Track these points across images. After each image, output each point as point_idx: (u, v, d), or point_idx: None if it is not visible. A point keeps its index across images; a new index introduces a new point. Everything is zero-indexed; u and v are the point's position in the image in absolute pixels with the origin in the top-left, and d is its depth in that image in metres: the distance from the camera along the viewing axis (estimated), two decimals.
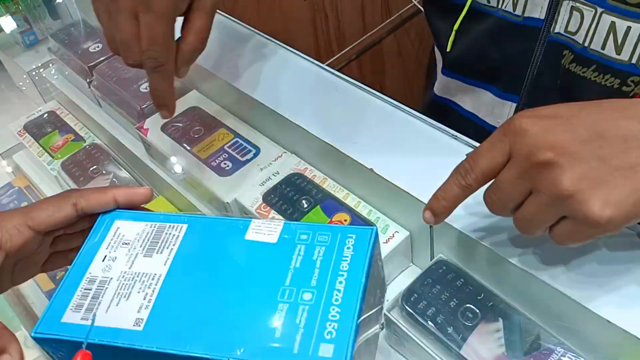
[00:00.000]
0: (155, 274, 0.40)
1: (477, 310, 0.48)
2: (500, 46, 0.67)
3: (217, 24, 0.77)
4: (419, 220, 0.53)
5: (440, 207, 0.44)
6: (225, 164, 0.65)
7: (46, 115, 0.93)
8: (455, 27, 0.70)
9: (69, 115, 0.91)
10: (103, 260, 0.42)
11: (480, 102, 0.74)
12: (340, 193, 0.60)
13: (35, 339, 0.38)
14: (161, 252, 0.42)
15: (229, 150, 0.67)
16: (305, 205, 0.59)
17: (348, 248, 0.40)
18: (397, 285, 0.57)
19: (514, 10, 0.62)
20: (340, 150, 0.58)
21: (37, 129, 0.90)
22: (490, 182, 0.41)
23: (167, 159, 0.69)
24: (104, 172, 0.81)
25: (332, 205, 0.59)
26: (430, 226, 0.52)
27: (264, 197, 0.61)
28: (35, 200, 0.89)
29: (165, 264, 0.41)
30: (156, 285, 0.40)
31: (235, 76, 0.69)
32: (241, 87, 0.67)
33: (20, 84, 1.07)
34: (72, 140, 0.87)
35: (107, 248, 0.43)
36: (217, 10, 0.79)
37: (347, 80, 0.65)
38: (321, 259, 0.39)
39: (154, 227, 0.44)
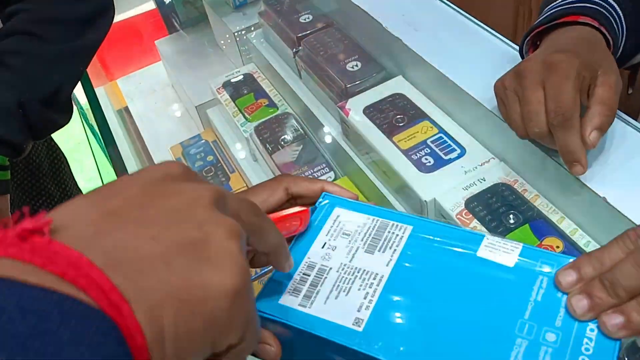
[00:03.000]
0: (377, 274, 0.38)
1: None
2: None
3: (429, 5, 0.74)
4: None
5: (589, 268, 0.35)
6: (426, 159, 0.62)
7: (243, 77, 0.95)
8: None
9: (265, 80, 0.93)
10: (322, 247, 0.41)
11: None
12: (554, 215, 0.54)
13: None
14: (383, 252, 0.39)
15: (432, 146, 0.63)
16: (512, 221, 0.55)
17: None
18: None
19: None
20: (564, 168, 0.52)
21: (235, 89, 0.93)
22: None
23: (364, 143, 0.67)
24: (293, 143, 0.81)
25: (543, 227, 0.54)
26: None
27: (467, 203, 0.57)
28: (222, 157, 0.92)
29: (387, 265, 0.38)
30: (378, 286, 0.37)
31: (445, 65, 0.65)
32: (452, 78, 0.63)
33: (222, 42, 1.11)
34: (265, 105, 0.89)
35: (326, 235, 0.42)
36: None
37: None
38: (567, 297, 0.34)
39: (376, 222, 0.41)
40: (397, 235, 0.40)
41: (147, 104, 1.21)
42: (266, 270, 0.61)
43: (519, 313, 0.34)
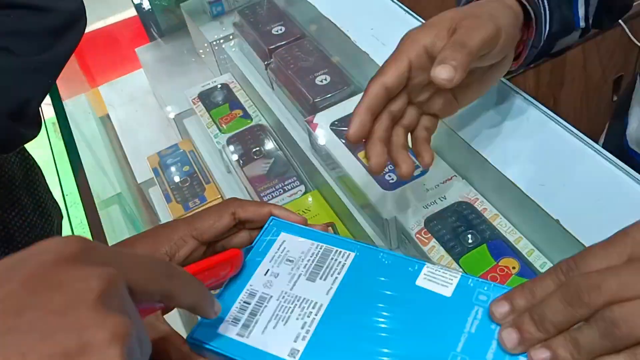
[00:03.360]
0: (316, 302, 0.38)
1: None
2: None
3: (399, 20, 0.73)
4: None
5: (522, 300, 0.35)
6: (390, 176, 0.62)
7: (220, 86, 0.95)
8: None
9: (240, 91, 0.93)
10: (265, 274, 0.41)
11: None
12: (512, 235, 0.54)
13: (190, 343, 0.38)
14: (325, 279, 0.39)
15: None
16: (470, 241, 0.55)
17: None
18: None
19: None
20: (521, 190, 0.52)
21: (210, 100, 0.93)
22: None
23: (329, 158, 0.67)
24: (265, 156, 0.81)
25: (500, 247, 0.54)
26: None
27: (426, 222, 0.57)
28: (198, 167, 0.92)
29: (327, 294, 0.39)
30: (316, 315, 0.37)
31: None
32: None
33: (201, 51, 1.11)
34: (240, 116, 0.89)
35: (270, 261, 0.42)
36: (399, 4, 0.75)
37: (528, 100, 0.58)
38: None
39: (321, 248, 0.42)
40: (340, 262, 0.40)
41: (128, 112, 1.21)
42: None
43: (451, 345, 0.34)
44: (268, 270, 0.41)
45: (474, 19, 0.46)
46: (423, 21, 0.73)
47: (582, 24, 0.56)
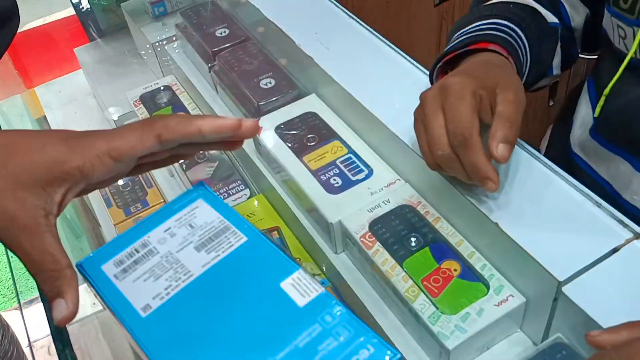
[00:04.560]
0: (189, 271, 0.41)
1: None
2: None
3: (343, 25, 0.74)
4: (538, 289, 0.48)
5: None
6: (335, 180, 0.62)
7: (162, 88, 0.93)
8: (606, 91, 0.63)
9: (184, 93, 0.91)
10: (165, 231, 0.44)
11: (617, 172, 0.66)
12: (453, 238, 0.55)
13: (77, 269, 0.41)
14: (208, 253, 0.42)
15: (341, 166, 0.64)
16: (413, 244, 0.55)
17: (357, 359, 0.36)
18: (500, 350, 0.52)
19: None
20: (462, 194, 0.53)
21: (152, 102, 0.90)
22: None
23: (275, 162, 0.67)
24: (209, 159, 0.80)
25: (442, 250, 0.55)
26: (554, 299, 0.47)
27: (371, 226, 0.57)
28: None
29: (202, 267, 0.41)
30: (182, 282, 0.40)
31: (356, 86, 0.65)
32: (360, 100, 0.64)
33: (143, 52, 1.08)
34: None
35: (176, 220, 0.44)
36: (343, 9, 0.76)
37: None
38: (325, 353, 0.36)
39: (222, 224, 0.44)
40: (230, 242, 0.43)
41: (67, 114, 1.17)
42: None
43: (274, 351, 0.36)
44: (169, 228, 0.44)
45: (511, 91, 0.50)
46: (367, 27, 0.73)
47: (555, 72, 0.64)
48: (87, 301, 0.74)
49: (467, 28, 0.62)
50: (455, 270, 0.53)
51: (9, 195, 0.37)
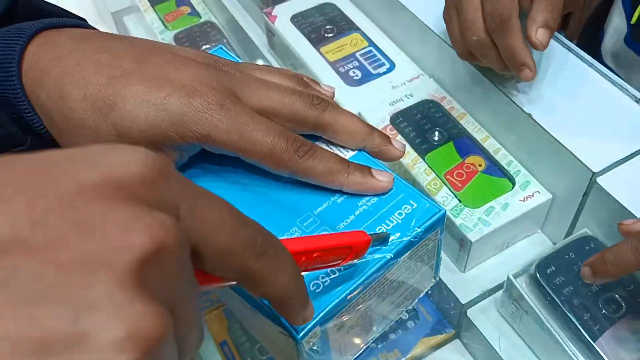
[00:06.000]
0: None
1: (623, 303, 0.41)
2: None
3: None
4: (568, 183, 0.47)
5: (604, 270, 0.37)
6: (354, 72, 0.59)
7: None
8: None
9: None
10: None
11: None
12: (479, 134, 0.53)
13: None
14: None
15: (361, 59, 0.60)
16: (437, 138, 0.53)
17: (400, 214, 0.33)
18: (520, 248, 0.51)
19: None
20: (493, 83, 0.50)
21: None
22: None
23: (290, 54, 0.63)
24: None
25: (467, 145, 0.52)
26: (584, 194, 0.45)
27: (392, 119, 0.55)
28: None
29: None
30: None
31: None
32: None
33: None
34: (187, 13, 0.82)
35: None
36: None
37: None
38: (365, 207, 0.34)
39: None
40: None
41: (59, 4, 1.11)
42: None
43: (312, 206, 0.34)
44: None
45: None
46: None
47: None
48: None
49: None
50: (480, 165, 0.51)
51: None
